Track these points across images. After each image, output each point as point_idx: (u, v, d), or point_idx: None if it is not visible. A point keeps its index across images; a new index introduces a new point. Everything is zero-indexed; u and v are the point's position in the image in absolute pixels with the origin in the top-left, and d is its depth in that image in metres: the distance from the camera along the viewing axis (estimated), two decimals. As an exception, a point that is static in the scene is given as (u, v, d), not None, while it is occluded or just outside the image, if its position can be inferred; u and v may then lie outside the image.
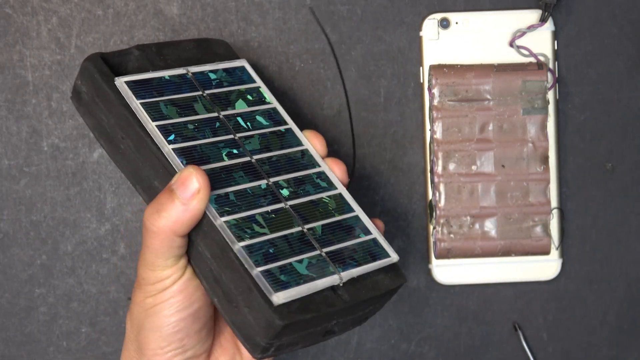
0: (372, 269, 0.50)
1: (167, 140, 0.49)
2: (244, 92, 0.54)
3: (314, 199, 0.51)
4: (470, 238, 0.60)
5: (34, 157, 0.61)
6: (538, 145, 0.60)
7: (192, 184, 0.47)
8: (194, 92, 0.52)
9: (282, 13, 0.61)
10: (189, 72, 0.53)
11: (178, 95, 0.51)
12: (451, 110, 0.60)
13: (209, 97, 0.53)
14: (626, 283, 0.63)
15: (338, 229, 0.50)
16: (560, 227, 0.62)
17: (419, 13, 0.62)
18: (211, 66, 0.54)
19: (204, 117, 0.51)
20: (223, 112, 0.52)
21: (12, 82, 0.60)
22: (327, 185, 0.52)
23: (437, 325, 0.62)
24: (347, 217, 0.51)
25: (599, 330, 0.63)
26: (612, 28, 0.62)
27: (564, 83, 0.62)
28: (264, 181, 0.50)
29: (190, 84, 0.52)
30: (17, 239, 0.61)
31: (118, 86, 0.50)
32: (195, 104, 0.52)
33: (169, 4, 0.61)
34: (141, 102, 0.50)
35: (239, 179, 0.50)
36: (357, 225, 0.51)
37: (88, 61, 0.50)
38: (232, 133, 0.51)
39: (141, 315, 0.49)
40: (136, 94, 0.50)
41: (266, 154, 0.52)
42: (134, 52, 0.53)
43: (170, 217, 0.47)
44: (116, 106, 0.49)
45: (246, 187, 0.50)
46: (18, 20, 0.60)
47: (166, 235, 0.47)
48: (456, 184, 0.60)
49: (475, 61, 0.61)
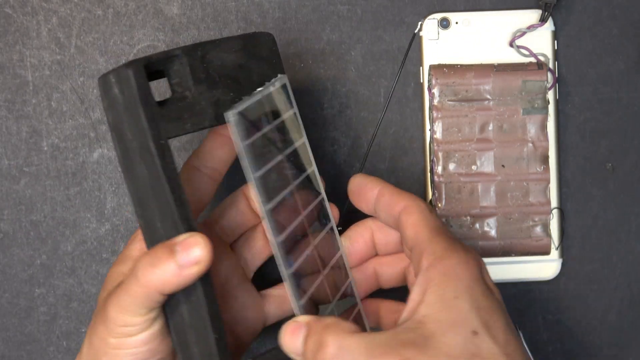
0: None
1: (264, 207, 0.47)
2: (289, 120, 0.52)
3: None
4: (470, 238, 0.60)
5: (34, 157, 0.61)
6: (538, 145, 0.60)
7: (195, 252, 0.45)
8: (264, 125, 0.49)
9: (282, 13, 0.61)
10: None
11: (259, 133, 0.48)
12: (451, 110, 0.60)
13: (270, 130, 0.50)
14: (626, 283, 0.63)
15: None
16: (560, 227, 0.62)
17: (419, 13, 0.62)
18: (265, 90, 0.51)
19: (276, 161, 0.49)
20: (285, 151, 0.50)
21: (12, 82, 0.60)
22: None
23: (437, 325, 0.62)
24: None
25: (599, 330, 0.63)
26: (612, 28, 0.62)
27: (564, 83, 0.62)
28: None
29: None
30: (17, 239, 0.61)
31: (231, 121, 0.47)
32: (269, 144, 0.49)
33: (169, 4, 0.61)
34: (246, 144, 0.47)
35: None
36: None
37: (129, 70, 0.46)
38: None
39: (101, 349, 0.47)
40: (241, 133, 0.47)
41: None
42: (179, 57, 0.49)
43: (162, 275, 0.45)
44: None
45: None
46: (18, 20, 0.60)
47: (151, 290, 0.46)
48: (456, 184, 0.60)
49: (475, 61, 0.61)
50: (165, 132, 0.47)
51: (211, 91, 0.50)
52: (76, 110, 0.60)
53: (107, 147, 0.61)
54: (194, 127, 0.48)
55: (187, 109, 0.49)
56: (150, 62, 0.47)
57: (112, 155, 0.61)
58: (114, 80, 0.46)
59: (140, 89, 0.46)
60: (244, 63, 0.52)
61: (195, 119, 0.49)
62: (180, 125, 0.48)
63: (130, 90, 0.46)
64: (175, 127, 0.48)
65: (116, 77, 0.46)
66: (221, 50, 0.51)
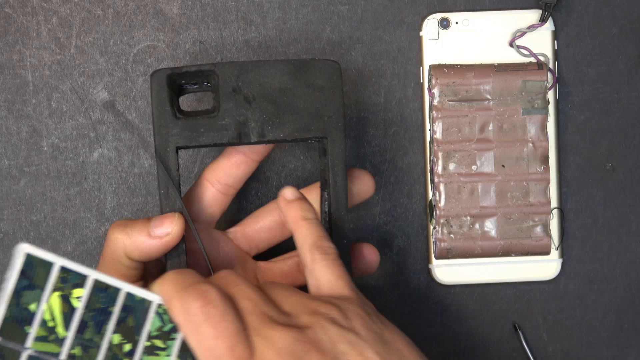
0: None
1: None
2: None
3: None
4: (470, 238, 0.60)
5: (34, 157, 0.61)
6: (538, 145, 0.60)
7: (167, 227, 0.50)
8: None
9: (282, 13, 0.61)
10: None
11: None
12: (451, 110, 0.60)
13: None
14: (626, 283, 0.63)
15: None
16: (560, 227, 0.62)
17: (419, 13, 0.62)
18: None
19: None
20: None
21: (12, 82, 0.60)
22: None
23: (437, 325, 0.62)
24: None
25: (599, 330, 0.63)
26: (612, 28, 0.62)
27: (564, 83, 0.62)
28: None
29: None
30: (17, 239, 0.61)
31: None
32: None
33: (169, 4, 0.61)
34: None
35: None
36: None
37: (152, 75, 0.51)
38: None
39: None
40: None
41: None
42: (211, 72, 0.52)
43: (130, 235, 0.50)
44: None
45: None
46: (18, 20, 0.60)
47: (117, 248, 0.50)
48: (456, 184, 0.60)
49: (475, 61, 0.61)
50: (175, 140, 0.51)
51: (240, 110, 0.51)
52: (76, 110, 0.60)
53: (107, 147, 0.61)
54: (209, 141, 0.51)
55: (207, 124, 0.51)
56: (176, 72, 0.51)
57: (112, 155, 0.61)
58: (150, 82, 0.52)
59: (158, 95, 0.51)
60: (290, 88, 0.52)
61: (213, 134, 0.51)
62: (194, 137, 0.51)
63: (151, 95, 0.51)
64: (187, 137, 0.51)
65: (150, 79, 0.51)
66: (264, 71, 0.52)
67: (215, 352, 0.44)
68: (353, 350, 0.44)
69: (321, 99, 0.52)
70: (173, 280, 0.46)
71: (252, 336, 0.44)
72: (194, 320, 0.44)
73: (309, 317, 0.45)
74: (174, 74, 0.51)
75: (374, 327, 0.46)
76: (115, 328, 0.46)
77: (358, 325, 0.45)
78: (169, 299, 0.46)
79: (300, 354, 0.43)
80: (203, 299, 0.44)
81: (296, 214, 0.51)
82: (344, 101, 0.53)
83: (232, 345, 0.44)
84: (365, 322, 0.46)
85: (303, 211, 0.51)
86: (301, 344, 0.44)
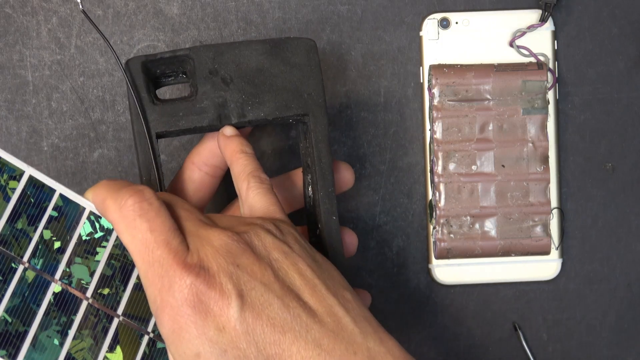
0: None
1: None
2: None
3: None
4: (470, 238, 0.60)
5: (34, 157, 0.61)
6: (538, 145, 0.60)
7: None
8: None
9: (282, 13, 0.61)
10: None
11: None
12: (451, 110, 0.60)
13: None
14: (626, 283, 0.63)
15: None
16: (560, 227, 0.62)
17: (419, 13, 0.62)
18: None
19: None
20: None
21: (12, 82, 0.60)
22: None
23: (437, 325, 0.62)
24: None
25: (599, 330, 0.63)
26: (612, 28, 0.62)
27: (564, 83, 0.62)
28: None
29: None
30: (17, 239, 0.61)
31: None
32: None
33: (169, 4, 0.61)
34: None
35: None
36: None
37: (127, 64, 0.51)
38: None
39: None
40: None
41: None
42: (185, 57, 0.52)
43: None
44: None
45: None
46: (18, 20, 0.60)
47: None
48: (456, 184, 0.60)
49: (475, 61, 0.61)
50: (154, 126, 0.51)
51: (218, 92, 0.51)
52: (76, 110, 0.60)
53: (107, 147, 0.61)
54: (189, 124, 0.51)
55: (186, 107, 0.51)
56: (150, 59, 0.51)
57: (112, 155, 0.61)
58: (124, 70, 0.51)
59: (134, 83, 0.50)
60: (267, 67, 0.52)
61: (193, 117, 0.51)
62: (173, 122, 0.51)
63: (127, 82, 0.50)
64: (166, 122, 0.51)
65: (125, 67, 0.51)
66: (240, 52, 0.52)
67: (149, 245, 0.43)
68: (286, 260, 0.45)
69: (299, 76, 0.52)
70: (107, 184, 0.46)
71: (188, 236, 0.44)
72: (129, 215, 0.44)
73: (244, 227, 0.46)
74: (149, 60, 0.51)
75: (306, 247, 0.47)
76: (47, 225, 0.48)
77: (292, 241, 0.46)
78: (103, 200, 0.46)
79: (236, 253, 0.44)
80: (139, 195, 0.45)
81: (235, 147, 0.51)
82: (322, 78, 0.52)
83: (168, 239, 0.44)
84: (298, 240, 0.47)
85: (242, 145, 0.51)
86: (237, 243, 0.44)
